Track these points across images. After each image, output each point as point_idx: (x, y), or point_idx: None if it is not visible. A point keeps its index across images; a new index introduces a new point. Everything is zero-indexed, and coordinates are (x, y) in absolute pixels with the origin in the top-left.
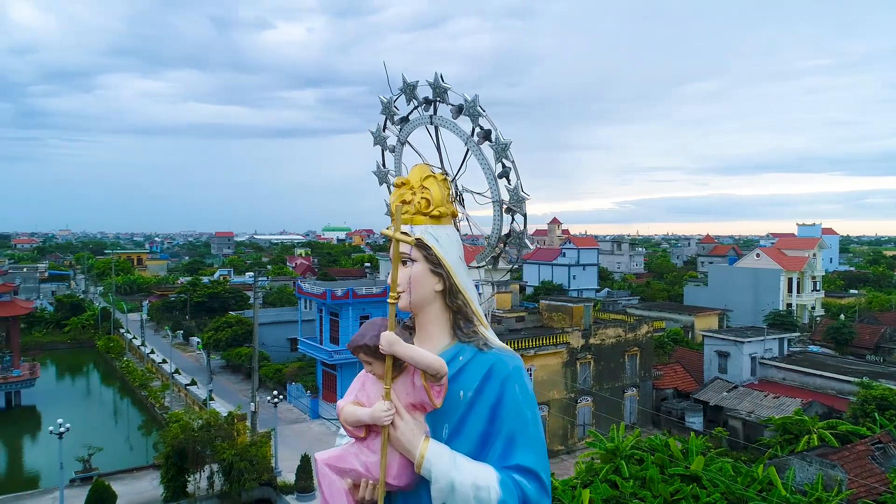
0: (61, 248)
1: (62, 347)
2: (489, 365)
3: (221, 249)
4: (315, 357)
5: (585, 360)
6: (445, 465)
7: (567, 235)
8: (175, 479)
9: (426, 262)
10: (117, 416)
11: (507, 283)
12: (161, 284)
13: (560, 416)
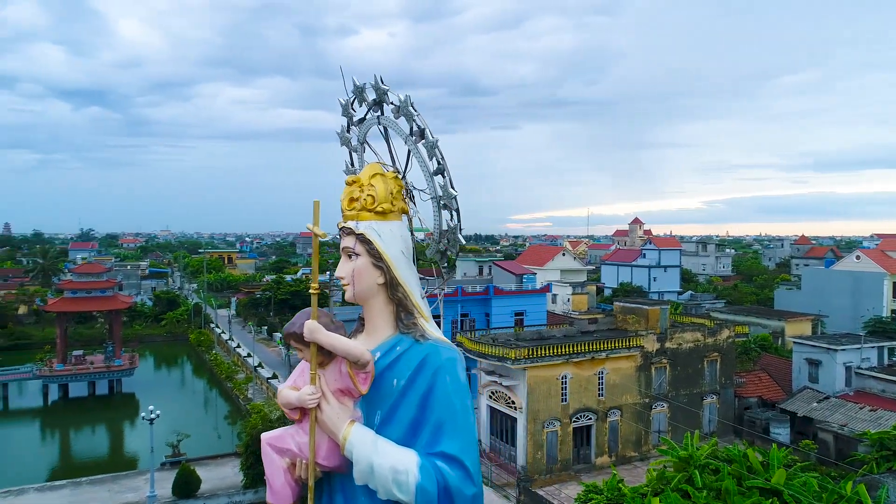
0: (161, 247)
1: (159, 340)
2: (423, 355)
3: (306, 249)
4: None
5: (661, 364)
6: (367, 449)
7: (648, 236)
8: (254, 466)
9: (369, 255)
10: (205, 405)
11: (584, 284)
12: (248, 282)
13: (633, 422)
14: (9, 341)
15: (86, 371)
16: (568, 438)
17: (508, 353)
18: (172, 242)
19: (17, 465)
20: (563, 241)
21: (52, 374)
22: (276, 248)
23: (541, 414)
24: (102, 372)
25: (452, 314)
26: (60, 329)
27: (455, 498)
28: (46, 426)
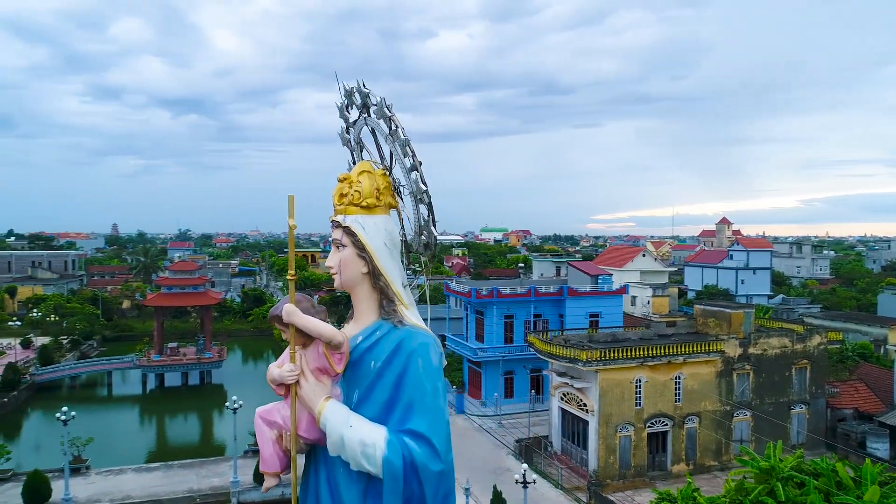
0: (251, 247)
1: (245, 334)
2: (399, 340)
3: None
4: (461, 354)
5: (743, 370)
6: (339, 423)
7: (737, 236)
8: None
9: (354, 247)
10: None
11: (665, 286)
12: (330, 280)
13: (712, 430)
14: (114, 333)
15: (179, 362)
16: (642, 444)
17: (580, 354)
18: (261, 242)
19: (117, 447)
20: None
21: (149, 365)
22: None
23: (613, 418)
24: (194, 363)
25: (525, 315)
26: (157, 322)
27: (420, 472)
28: (144, 412)
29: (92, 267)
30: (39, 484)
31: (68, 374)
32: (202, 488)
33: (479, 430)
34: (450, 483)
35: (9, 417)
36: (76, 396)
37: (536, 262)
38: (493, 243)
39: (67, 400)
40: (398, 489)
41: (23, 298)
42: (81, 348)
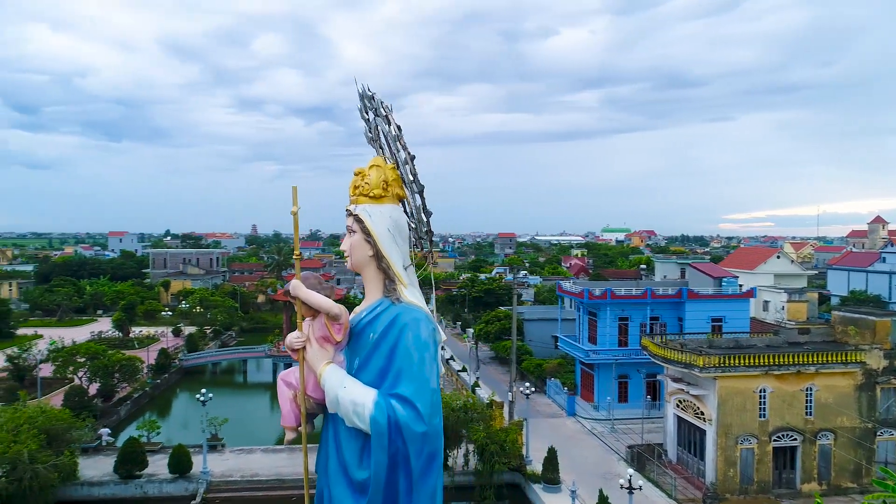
0: None
1: None
2: (394, 315)
3: (503, 249)
4: (573, 355)
5: (889, 385)
6: (335, 384)
7: (893, 237)
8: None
9: (361, 232)
10: None
11: (803, 291)
12: (447, 280)
13: (850, 449)
14: (250, 325)
15: None
16: (766, 458)
17: (696, 359)
18: None
19: (249, 429)
20: (784, 243)
21: (279, 354)
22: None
23: (734, 428)
24: None
25: (641, 317)
26: (286, 316)
27: (404, 431)
28: (274, 398)
29: (233, 264)
30: (182, 457)
31: (210, 361)
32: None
33: (590, 434)
34: (435, 445)
35: (160, 397)
36: (216, 381)
37: (659, 264)
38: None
39: (209, 384)
40: (384, 445)
41: (175, 291)
42: (222, 338)
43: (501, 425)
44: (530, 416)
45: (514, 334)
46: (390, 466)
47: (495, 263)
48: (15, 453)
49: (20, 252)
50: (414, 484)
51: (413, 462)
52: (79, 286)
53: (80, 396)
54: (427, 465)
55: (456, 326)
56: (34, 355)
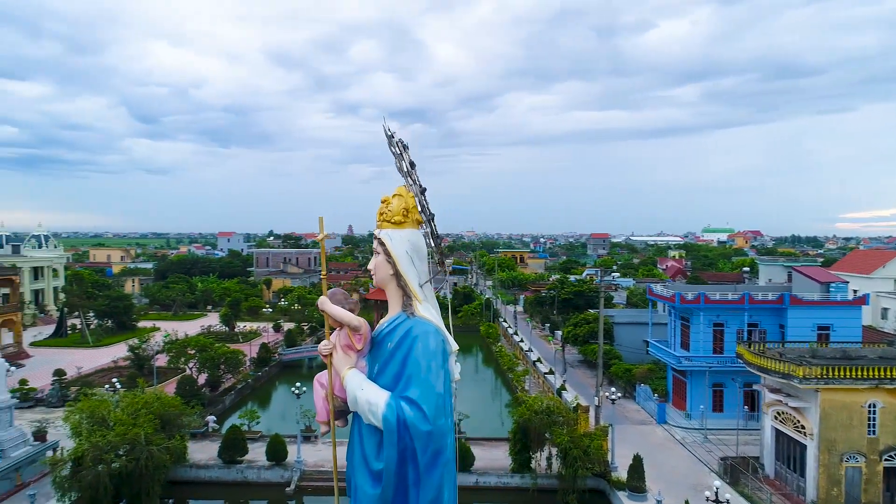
0: (465, 246)
1: (456, 329)
2: (408, 328)
3: (596, 250)
4: (665, 361)
5: None
6: (354, 386)
7: None
8: (521, 453)
9: (384, 254)
10: (489, 392)
11: None
12: (536, 281)
13: None
14: None
15: None
16: (876, 479)
17: (795, 370)
18: (475, 242)
19: None
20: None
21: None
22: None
23: (838, 445)
24: None
25: (738, 323)
26: (376, 314)
27: (411, 429)
28: None
29: (330, 263)
30: (279, 446)
31: (307, 356)
32: None
33: (680, 443)
34: (440, 443)
35: (261, 389)
36: (312, 375)
37: (764, 267)
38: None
39: (305, 378)
40: (394, 441)
41: (276, 289)
42: (318, 334)
43: (586, 430)
44: (617, 422)
45: (601, 338)
46: (400, 460)
47: (587, 265)
48: (134, 435)
49: (142, 251)
50: (421, 476)
51: (420, 457)
52: (191, 283)
53: (190, 385)
54: (433, 459)
55: (544, 328)
56: (151, 346)
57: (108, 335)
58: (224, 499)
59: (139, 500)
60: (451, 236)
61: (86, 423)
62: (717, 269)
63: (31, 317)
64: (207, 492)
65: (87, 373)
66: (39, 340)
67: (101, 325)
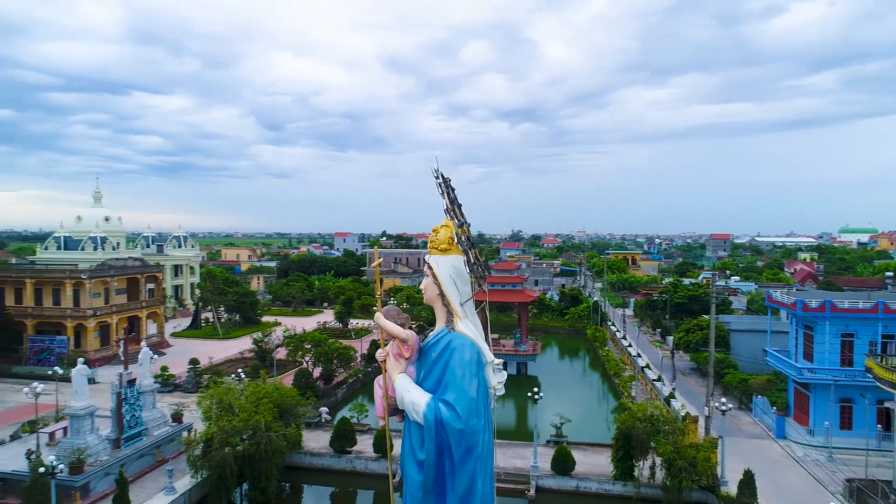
0: (575, 247)
1: (562, 332)
2: (448, 341)
3: (716, 252)
4: (785, 373)
5: None
6: (402, 388)
7: None
8: (623, 460)
9: (432, 277)
10: (594, 397)
11: None
12: (648, 284)
13: None
14: None
15: (498, 352)
16: None
17: None
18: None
19: None
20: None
21: None
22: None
23: None
24: (511, 354)
25: (870, 334)
26: (482, 315)
27: (446, 427)
28: None
29: None
30: (383, 440)
31: None
32: (506, 467)
33: (800, 461)
34: (472, 440)
35: (370, 383)
36: None
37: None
38: (854, 247)
39: None
40: (432, 436)
41: (386, 288)
42: (426, 332)
43: (694, 441)
44: (730, 435)
45: (712, 344)
46: (437, 452)
47: (704, 267)
48: (255, 422)
49: (266, 250)
50: (456, 467)
51: (454, 450)
52: (309, 281)
53: (306, 378)
54: (465, 454)
55: (654, 333)
56: (273, 340)
57: (236, 328)
58: (334, 486)
59: (259, 481)
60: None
61: (215, 409)
62: (856, 273)
63: (171, 310)
64: (319, 478)
65: (217, 362)
66: (178, 331)
67: (230, 319)
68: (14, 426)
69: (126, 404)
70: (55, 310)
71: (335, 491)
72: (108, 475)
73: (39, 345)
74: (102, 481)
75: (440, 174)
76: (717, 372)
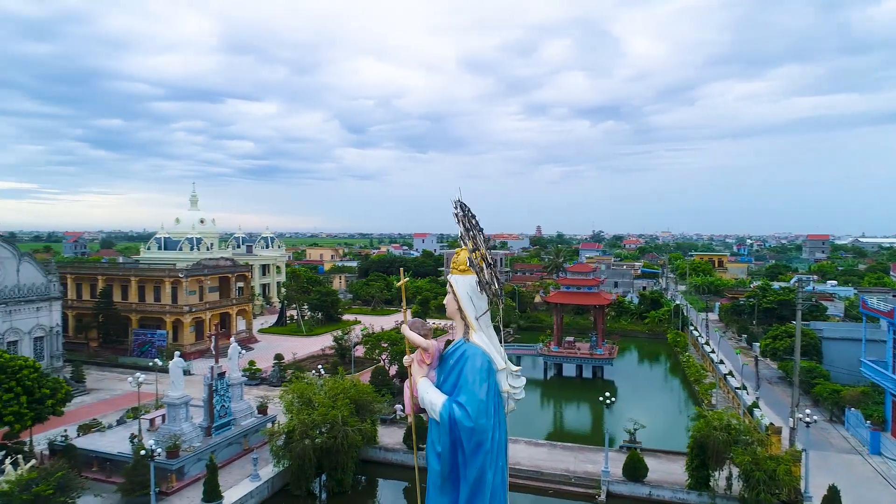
0: (658, 248)
1: (641, 336)
2: (463, 350)
3: (813, 254)
4: (882, 385)
5: None
6: (423, 390)
7: None
8: (698, 469)
9: (452, 293)
10: (672, 403)
11: None
12: (735, 287)
13: None
14: (526, 323)
15: (573, 355)
16: None
17: None
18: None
19: (516, 421)
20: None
21: (549, 354)
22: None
23: None
24: (586, 358)
25: None
26: (557, 317)
27: (458, 425)
28: (544, 395)
29: (516, 264)
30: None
31: None
32: (577, 471)
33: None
34: (480, 436)
35: None
36: None
37: None
38: None
39: None
40: (446, 432)
41: None
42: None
43: (776, 453)
44: (817, 448)
45: (797, 352)
46: (451, 446)
47: (798, 270)
48: (333, 416)
49: (348, 250)
50: (467, 459)
51: (465, 445)
52: (388, 281)
53: (382, 375)
54: (475, 448)
55: (740, 339)
56: (352, 338)
57: (318, 326)
58: (408, 481)
59: (336, 472)
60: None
61: (296, 403)
62: None
63: (259, 307)
64: (393, 473)
65: (300, 358)
66: (265, 328)
67: (313, 317)
68: (120, 412)
69: (216, 395)
70: (156, 306)
71: (408, 486)
72: (199, 460)
73: (142, 338)
74: (195, 466)
75: (458, 204)
76: (805, 382)
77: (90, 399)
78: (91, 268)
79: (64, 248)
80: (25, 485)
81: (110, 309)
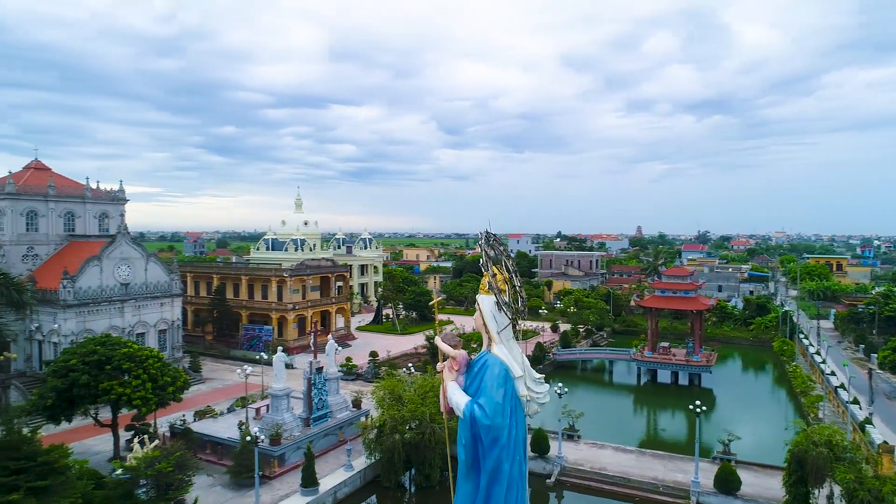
0: (770, 250)
1: (745, 343)
2: (485, 360)
3: None
4: None
5: None
6: (451, 392)
7: None
8: (796, 486)
9: (479, 311)
10: (775, 415)
11: None
12: (853, 293)
13: None
14: (621, 326)
15: (668, 361)
16: None
17: None
18: (783, 245)
19: (605, 426)
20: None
21: (642, 360)
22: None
23: None
24: (682, 364)
25: None
26: (652, 321)
27: (477, 422)
28: (635, 401)
29: (613, 266)
30: (542, 440)
31: (579, 358)
32: (665, 480)
33: None
34: (496, 433)
35: None
36: (584, 377)
37: None
38: None
39: (578, 379)
40: (468, 427)
41: (556, 290)
42: (593, 337)
43: (888, 473)
44: None
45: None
46: (472, 440)
47: None
48: (421, 413)
49: (444, 251)
50: (486, 451)
51: (483, 439)
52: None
53: None
54: (492, 443)
55: (857, 350)
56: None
57: (412, 325)
58: None
59: (424, 467)
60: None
61: (387, 398)
62: None
63: (357, 306)
64: None
65: (393, 356)
66: (362, 326)
67: (408, 316)
68: (230, 401)
69: (315, 389)
70: (263, 303)
71: None
72: (298, 449)
73: (250, 332)
74: (294, 454)
75: (483, 235)
76: None
77: (205, 387)
78: (207, 267)
79: (185, 248)
80: (150, 462)
81: (223, 305)
